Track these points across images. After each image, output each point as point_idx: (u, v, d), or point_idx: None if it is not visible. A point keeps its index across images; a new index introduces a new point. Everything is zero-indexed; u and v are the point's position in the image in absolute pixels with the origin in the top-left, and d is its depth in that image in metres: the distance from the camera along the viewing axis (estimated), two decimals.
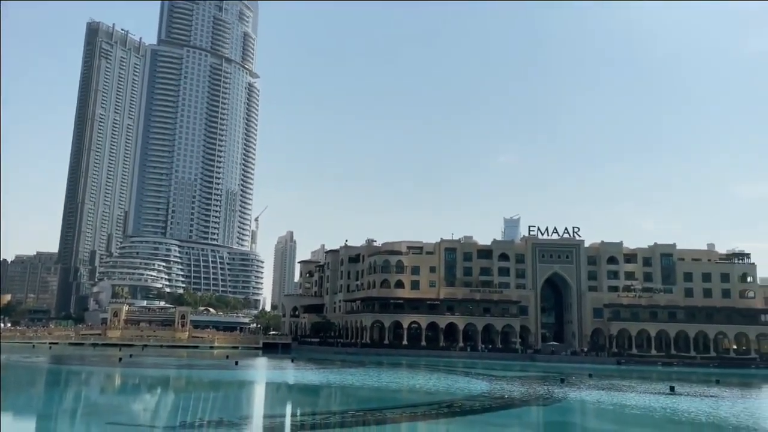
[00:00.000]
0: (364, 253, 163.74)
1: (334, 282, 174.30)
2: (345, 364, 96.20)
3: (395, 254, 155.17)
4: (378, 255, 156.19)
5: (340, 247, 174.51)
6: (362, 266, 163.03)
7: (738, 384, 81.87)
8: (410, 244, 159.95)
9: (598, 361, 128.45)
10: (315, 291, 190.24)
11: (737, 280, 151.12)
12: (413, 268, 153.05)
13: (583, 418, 46.83)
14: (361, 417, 41.08)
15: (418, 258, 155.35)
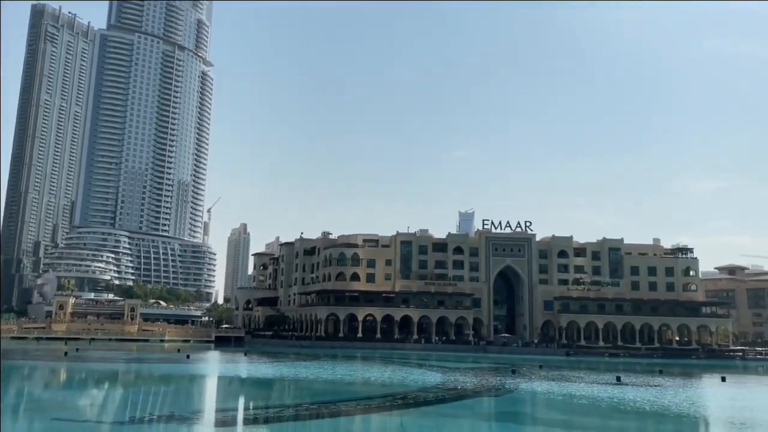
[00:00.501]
0: (319, 246, 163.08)
1: (289, 275, 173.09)
2: (299, 358, 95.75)
3: (351, 247, 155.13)
4: (334, 248, 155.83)
5: (295, 240, 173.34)
6: (318, 259, 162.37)
7: (680, 374, 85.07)
8: (366, 237, 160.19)
9: (548, 353, 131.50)
10: (269, 284, 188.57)
11: (681, 274, 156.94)
12: (369, 261, 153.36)
13: (533, 408, 47.84)
14: (315, 410, 40.96)
15: (374, 251, 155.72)
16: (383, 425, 36.60)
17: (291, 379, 63.75)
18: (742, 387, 66.98)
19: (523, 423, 40.66)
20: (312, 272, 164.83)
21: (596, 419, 40.46)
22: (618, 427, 37.78)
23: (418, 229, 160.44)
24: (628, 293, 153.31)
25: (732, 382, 71.33)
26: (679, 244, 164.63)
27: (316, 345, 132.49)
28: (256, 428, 34.79)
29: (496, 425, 39.23)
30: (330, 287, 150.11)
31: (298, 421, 36.52)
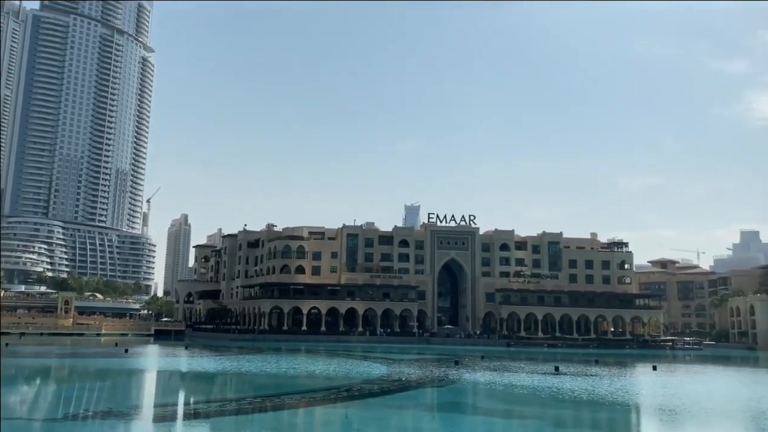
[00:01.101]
0: (263, 238, 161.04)
1: (232, 267, 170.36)
2: (242, 351, 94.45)
3: (296, 239, 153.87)
4: (278, 240, 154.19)
5: (239, 232, 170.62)
6: (262, 251, 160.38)
7: (615, 363, 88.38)
8: (312, 230, 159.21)
9: (489, 344, 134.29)
10: (211, 276, 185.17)
11: (616, 267, 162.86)
12: (315, 254, 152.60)
13: (475, 398, 48.73)
14: (259, 403, 40.50)
15: (320, 243, 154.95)
16: (328, 418, 36.52)
17: (233, 373, 62.82)
18: (672, 375, 70.19)
19: (465, 413, 41.34)
20: (256, 265, 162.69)
21: (536, 408, 41.56)
22: (556, 415, 38.90)
23: (365, 222, 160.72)
24: (566, 285, 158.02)
25: (662, 370, 74.65)
26: (615, 238, 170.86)
27: (260, 338, 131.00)
28: (196, 423, 34.09)
29: (439, 415, 39.75)
30: (274, 280, 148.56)
31: (240, 416, 35.99)
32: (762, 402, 47.24)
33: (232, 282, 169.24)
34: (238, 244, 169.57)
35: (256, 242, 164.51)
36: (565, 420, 37.56)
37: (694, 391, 53.71)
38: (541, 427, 34.55)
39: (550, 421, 36.71)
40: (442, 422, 36.23)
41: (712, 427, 36.56)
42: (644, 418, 40.05)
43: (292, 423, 34.49)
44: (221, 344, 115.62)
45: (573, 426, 35.85)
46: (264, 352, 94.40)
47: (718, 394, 52.89)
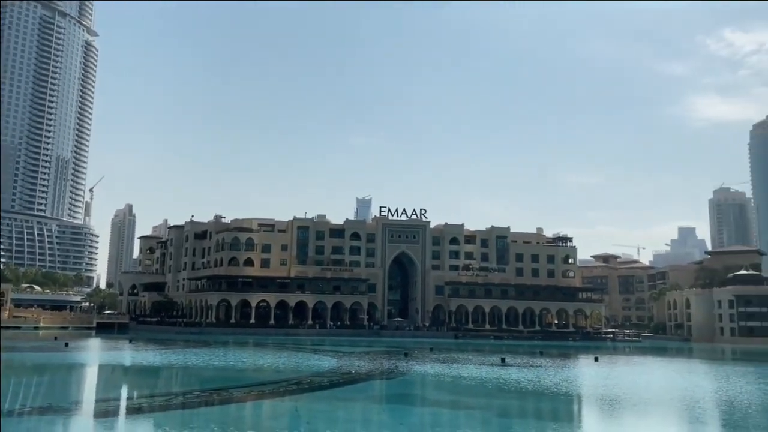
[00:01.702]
0: (211, 230, 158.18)
1: (178, 259, 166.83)
2: (188, 345, 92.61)
3: (245, 231, 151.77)
4: (227, 232, 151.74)
5: (186, 223, 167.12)
6: (209, 243, 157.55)
7: (558, 355, 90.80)
8: (262, 222, 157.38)
9: (438, 336, 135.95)
10: (156, 268, 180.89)
11: (560, 262, 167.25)
12: (264, 246, 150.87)
13: (424, 389, 49.18)
14: (206, 397, 39.76)
15: (270, 236, 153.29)
16: (277, 411, 36.18)
17: (179, 366, 61.50)
18: (613, 366, 72.58)
19: (414, 404, 41.65)
20: (203, 257, 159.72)
21: (483, 399, 42.25)
22: (502, 405, 39.65)
23: (316, 215, 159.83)
24: (513, 279, 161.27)
25: (604, 362, 77.12)
26: (560, 233, 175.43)
27: (207, 332, 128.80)
28: (140, 418, 33.20)
29: (388, 407, 39.95)
30: (222, 272, 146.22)
31: (186, 409, 35.25)
32: (696, 391, 49.37)
33: (178, 274, 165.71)
34: (184, 235, 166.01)
35: (203, 234, 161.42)
36: (511, 410, 38.32)
37: (634, 381, 55.67)
38: (488, 418, 35.14)
39: (496, 411, 37.38)
40: (392, 414, 36.41)
41: (651, 415, 37.97)
42: (587, 407, 41.26)
43: (240, 416, 34.00)
44: (167, 337, 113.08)
45: (519, 416, 36.61)
46: (211, 345, 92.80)
47: (656, 384, 54.98)
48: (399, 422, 32.75)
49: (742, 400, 43.35)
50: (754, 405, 41.44)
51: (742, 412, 38.41)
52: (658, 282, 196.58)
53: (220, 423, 30.20)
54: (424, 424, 32.78)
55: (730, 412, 37.99)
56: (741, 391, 48.78)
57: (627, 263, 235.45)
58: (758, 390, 49.83)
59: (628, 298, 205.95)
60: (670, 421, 36.39)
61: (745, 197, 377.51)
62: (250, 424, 31.57)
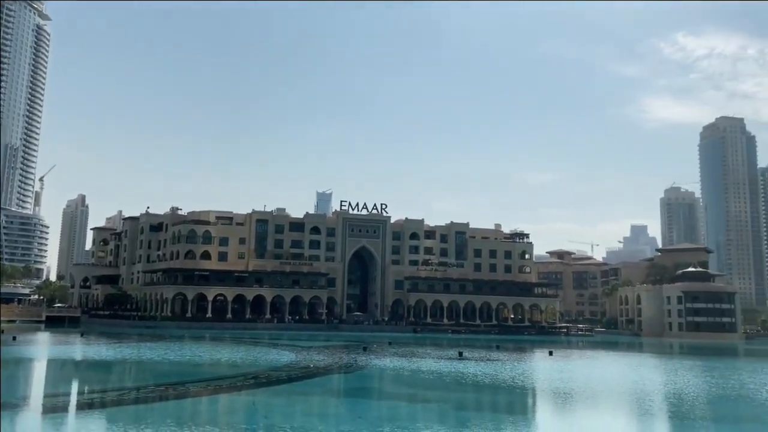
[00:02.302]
0: (167, 222, 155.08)
1: (133, 252, 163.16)
2: (142, 339, 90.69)
3: (202, 224, 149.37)
4: (183, 224, 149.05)
5: (141, 215, 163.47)
6: (165, 236, 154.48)
7: (514, 349, 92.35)
8: (219, 214, 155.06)
9: (397, 330, 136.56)
10: (110, 261, 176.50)
11: (517, 257, 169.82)
12: (222, 239, 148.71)
13: (382, 383, 49.34)
14: (161, 392, 38.99)
15: (228, 229, 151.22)
16: (234, 405, 35.75)
17: (133, 360, 60.18)
18: (567, 360, 74.20)
19: (372, 398, 41.76)
20: (159, 249, 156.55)
21: (440, 392, 42.64)
22: (460, 399, 40.10)
23: (275, 208, 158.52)
24: (471, 274, 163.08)
25: (558, 356, 78.70)
26: (517, 229, 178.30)
27: (162, 325, 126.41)
28: (92, 413, 32.33)
29: (346, 400, 39.94)
30: (178, 265, 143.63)
31: (140, 404, 34.52)
32: (646, 384, 50.93)
33: (132, 267, 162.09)
34: (139, 227, 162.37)
35: (159, 226, 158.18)
36: (468, 403, 38.77)
37: (587, 374, 57.06)
38: (445, 411, 35.48)
39: (453, 404, 37.78)
40: (350, 408, 36.40)
41: (604, 408, 38.97)
42: (542, 401, 42.07)
43: (196, 411, 33.46)
44: (120, 331, 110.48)
45: (475, 409, 37.07)
46: (166, 339, 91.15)
47: (608, 377, 56.45)
48: (358, 416, 32.75)
49: (690, 392, 44.95)
50: (701, 397, 43.03)
51: (690, 404, 39.83)
52: (610, 278, 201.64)
53: (176, 418, 29.66)
54: (382, 418, 32.86)
55: (679, 404, 39.31)
56: (688, 384, 50.57)
57: (581, 259, 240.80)
58: (704, 383, 51.76)
59: (582, 294, 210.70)
60: (621, 414, 37.43)
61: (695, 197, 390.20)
62: (206, 419, 31.08)
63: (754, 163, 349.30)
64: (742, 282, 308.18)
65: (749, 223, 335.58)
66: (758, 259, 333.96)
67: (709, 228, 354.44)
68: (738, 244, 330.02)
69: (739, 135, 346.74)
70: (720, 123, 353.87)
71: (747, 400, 41.75)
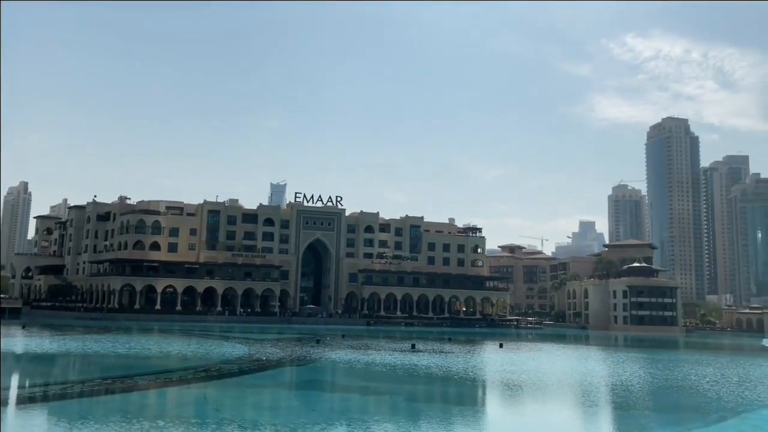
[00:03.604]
0: (115, 211, 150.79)
1: (78, 241, 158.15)
2: (88, 331, 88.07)
3: (152, 214, 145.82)
4: (132, 214, 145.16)
5: (87, 203, 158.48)
6: (113, 225, 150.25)
7: (466, 341, 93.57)
8: (169, 204, 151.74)
9: (350, 323, 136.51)
10: (54, 251, 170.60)
11: (470, 251, 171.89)
12: (172, 230, 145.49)
13: (335, 375, 49.31)
14: (107, 385, 37.96)
15: (178, 219, 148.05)
16: (183, 398, 35.08)
17: (78, 353, 58.40)
18: (516, 352, 75.67)
19: (324, 390, 41.73)
20: (106, 239, 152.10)
21: (392, 384, 42.90)
22: (411, 390, 40.42)
23: (228, 199, 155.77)
24: (425, 267, 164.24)
25: (508, 348, 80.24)
26: (470, 224, 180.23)
27: (108, 317, 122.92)
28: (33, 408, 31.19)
29: (299, 393, 39.73)
30: (126, 256, 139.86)
31: (85, 398, 33.51)
32: (593, 375, 52.42)
33: (78, 257, 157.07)
34: (86, 216, 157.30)
35: (106, 215, 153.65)
36: (420, 395, 39.12)
37: (536, 366, 58.29)
38: (397, 402, 35.71)
39: (405, 396, 38.06)
40: (303, 400, 36.25)
41: (552, 399, 39.90)
42: (492, 392, 42.81)
43: (144, 404, 32.69)
44: (64, 323, 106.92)
45: (427, 400, 37.45)
46: (113, 331, 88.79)
47: (556, 369, 57.81)
48: (311, 408, 32.64)
49: (635, 383, 46.50)
50: (646, 388, 44.58)
51: (636, 395, 41.21)
52: (559, 272, 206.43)
53: (123, 412, 28.92)
54: (335, 410, 32.86)
55: (625, 395, 40.62)
56: (634, 375, 52.32)
57: (531, 254, 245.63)
58: (648, 374, 53.68)
59: (532, 288, 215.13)
60: (570, 405, 38.44)
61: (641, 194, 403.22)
62: (155, 413, 30.40)
63: (697, 163, 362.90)
64: (684, 277, 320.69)
65: (691, 221, 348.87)
66: (699, 255, 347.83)
67: (653, 225, 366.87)
68: (680, 240, 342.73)
69: (684, 135, 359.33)
70: (666, 123, 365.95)
71: (689, 391, 43.46)
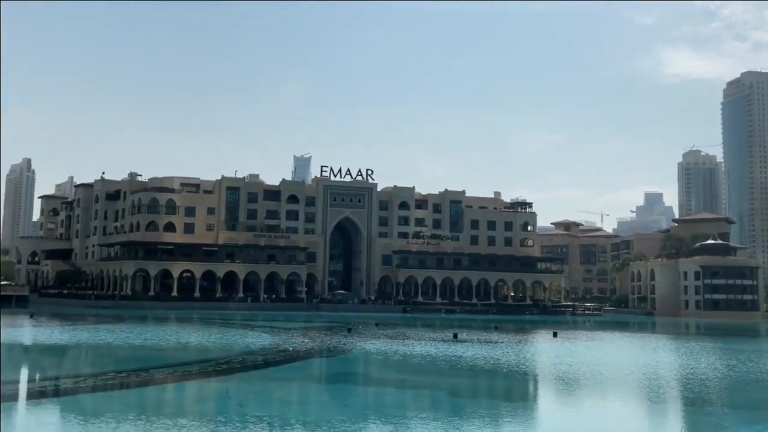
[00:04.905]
0: (126, 189, 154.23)
1: (87, 223, 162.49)
2: (100, 320, 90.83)
3: (166, 192, 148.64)
4: (144, 192, 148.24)
5: (96, 181, 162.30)
6: (123, 205, 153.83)
7: (514, 330, 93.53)
8: (185, 181, 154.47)
9: (384, 310, 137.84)
10: (61, 233, 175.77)
11: (519, 229, 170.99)
12: (188, 209, 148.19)
13: (368, 368, 49.89)
14: (122, 378, 39.17)
15: (194, 197, 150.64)
16: (204, 393, 36.00)
17: (90, 345, 60.27)
18: (572, 342, 75.22)
19: (357, 383, 42.29)
20: (116, 220, 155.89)
21: (433, 377, 43.19)
22: (454, 384, 40.61)
23: (248, 174, 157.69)
24: (467, 247, 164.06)
25: (563, 337, 79.83)
26: (518, 198, 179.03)
27: (121, 305, 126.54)
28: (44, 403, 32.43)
29: (329, 387, 40.36)
30: (139, 238, 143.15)
31: (98, 392, 34.68)
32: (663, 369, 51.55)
33: (87, 240, 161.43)
34: (94, 195, 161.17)
35: (116, 194, 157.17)
36: (463, 390, 39.30)
37: (595, 358, 57.89)
38: (438, 398, 35.95)
39: (448, 390, 38.26)
40: (333, 394, 36.82)
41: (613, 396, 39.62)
42: (546, 387, 42.74)
43: (162, 399, 33.67)
44: (75, 312, 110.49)
45: (471, 396, 37.60)
46: (127, 320, 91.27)
47: (620, 361, 57.29)
48: (343, 403, 33.15)
49: (709, 377, 45.71)
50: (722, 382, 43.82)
51: (709, 390, 40.52)
52: (621, 252, 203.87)
53: (139, 408, 29.84)
54: (369, 405, 33.28)
55: (697, 390, 39.92)
56: (707, 368, 51.41)
57: (589, 231, 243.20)
58: (725, 367, 52.66)
59: (590, 269, 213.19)
60: (633, 403, 38.03)
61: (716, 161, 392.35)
62: (173, 408, 31.28)
63: None
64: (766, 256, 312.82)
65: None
66: None
67: (731, 196, 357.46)
68: (763, 213, 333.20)
69: (767, 92, 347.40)
70: (745, 78, 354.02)
71: None
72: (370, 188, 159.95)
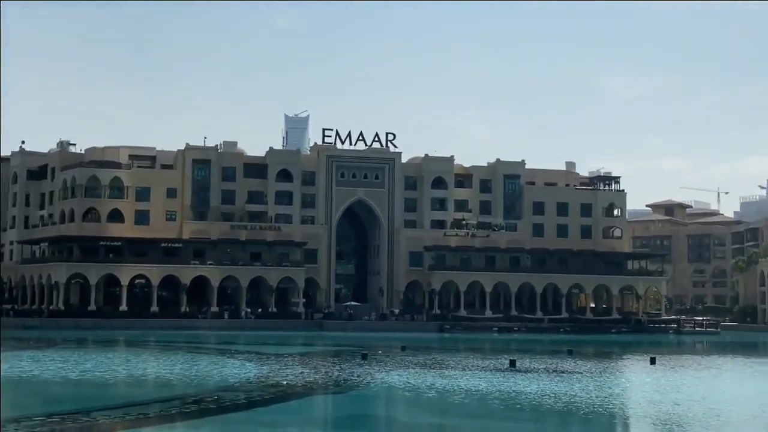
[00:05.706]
0: (55, 165, 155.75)
1: (4, 212, 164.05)
2: (20, 346, 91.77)
3: (109, 167, 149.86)
4: (80, 168, 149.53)
5: (13, 154, 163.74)
6: (52, 186, 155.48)
7: (596, 354, 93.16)
8: (135, 152, 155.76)
9: (413, 328, 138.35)
10: None
11: (601, 214, 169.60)
12: (140, 191, 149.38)
13: (391, 408, 49.95)
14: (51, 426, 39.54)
15: (149, 174, 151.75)
16: None
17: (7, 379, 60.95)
18: (678, 372, 74.66)
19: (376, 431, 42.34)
20: (42, 208, 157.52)
21: (482, 421, 43.08)
22: None
23: (222, 142, 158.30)
24: (529, 241, 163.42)
25: (665, 364, 79.34)
26: (600, 170, 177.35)
27: (51, 324, 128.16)
28: None
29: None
30: (74, 232, 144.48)
31: None
32: None
33: (4, 235, 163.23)
34: (11, 173, 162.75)
35: (42, 170, 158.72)
36: None
37: (711, 393, 57.39)
38: None
39: None
40: None
41: None
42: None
43: None
44: None
45: None
46: (59, 345, 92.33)
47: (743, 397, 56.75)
48: None
49: None
50: None
51: None
52: (747, 244, 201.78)
53: None
54: None
55: None
56: None
57: (701, 216, 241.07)
58: None
59: (702, 269, 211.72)
60: None
61: None
62: None
63: None
64: None
65: None
66: None
67: None
68: None
69: None
70: None
71: None
72: (392, 159, 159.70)
